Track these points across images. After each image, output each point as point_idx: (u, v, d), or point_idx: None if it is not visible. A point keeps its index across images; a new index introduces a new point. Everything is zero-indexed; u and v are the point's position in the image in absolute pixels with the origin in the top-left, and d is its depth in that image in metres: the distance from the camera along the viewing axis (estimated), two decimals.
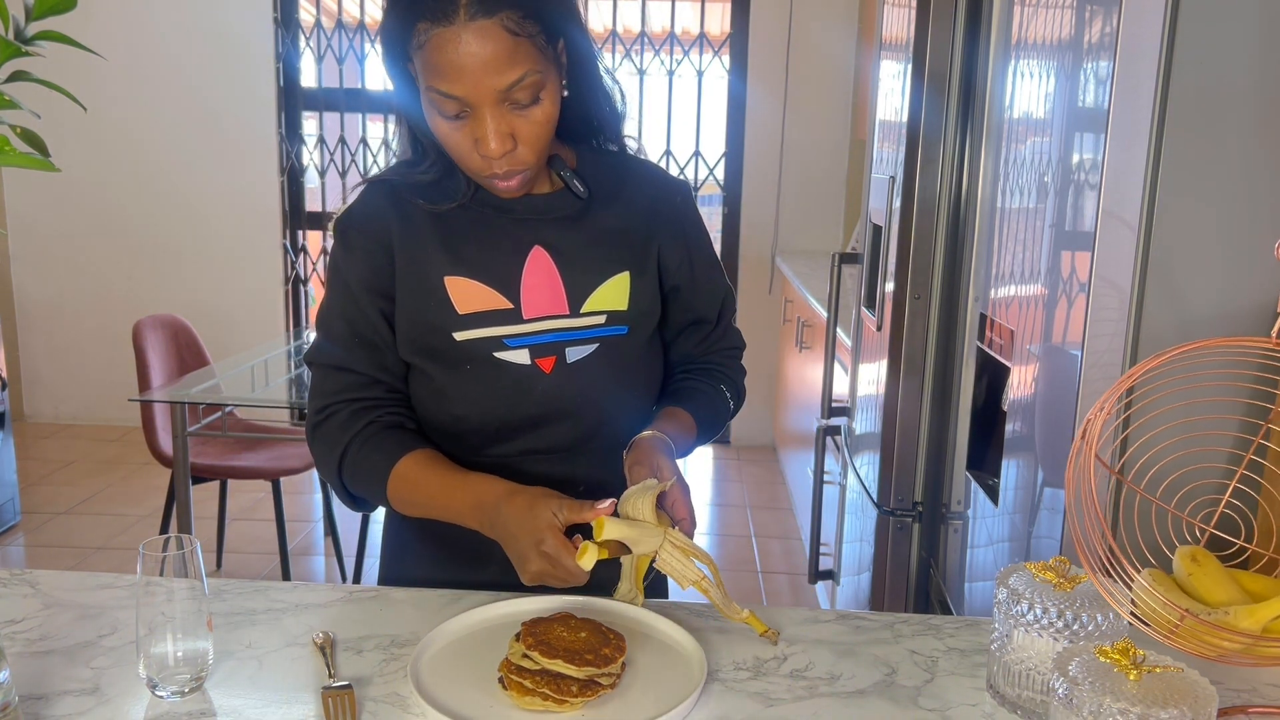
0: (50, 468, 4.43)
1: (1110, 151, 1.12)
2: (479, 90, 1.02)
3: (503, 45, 1.00)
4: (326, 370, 1.18)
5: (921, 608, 1.94)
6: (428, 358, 1.16)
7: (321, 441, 1.18)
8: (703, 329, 1.31)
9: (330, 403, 1.17)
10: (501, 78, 1.01)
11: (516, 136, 1.06)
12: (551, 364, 1.16)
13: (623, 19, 4.79)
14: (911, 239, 1.85)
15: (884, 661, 1.02)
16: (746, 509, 4.19)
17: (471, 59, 1.00)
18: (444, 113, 1.05)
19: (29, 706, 0.90)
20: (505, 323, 1.14)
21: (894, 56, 2.04)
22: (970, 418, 1.67)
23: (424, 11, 1.00)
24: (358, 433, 1.15)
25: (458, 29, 0.99)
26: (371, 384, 1.17)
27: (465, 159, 1.09)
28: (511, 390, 1.15)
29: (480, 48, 1.00)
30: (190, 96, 4.76)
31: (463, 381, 1.16)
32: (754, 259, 4.91)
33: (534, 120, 1.06)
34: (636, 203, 1.23)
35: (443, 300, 1.14)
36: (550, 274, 1.16)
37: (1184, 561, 0.99)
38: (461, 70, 1.01)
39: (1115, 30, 1.12)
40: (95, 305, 4.94)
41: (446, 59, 1.01)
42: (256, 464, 3.16)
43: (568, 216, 1.19)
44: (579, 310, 1.17)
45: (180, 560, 0.91)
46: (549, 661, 0.90)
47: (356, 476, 1.16)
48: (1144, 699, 0.73)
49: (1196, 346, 0.89)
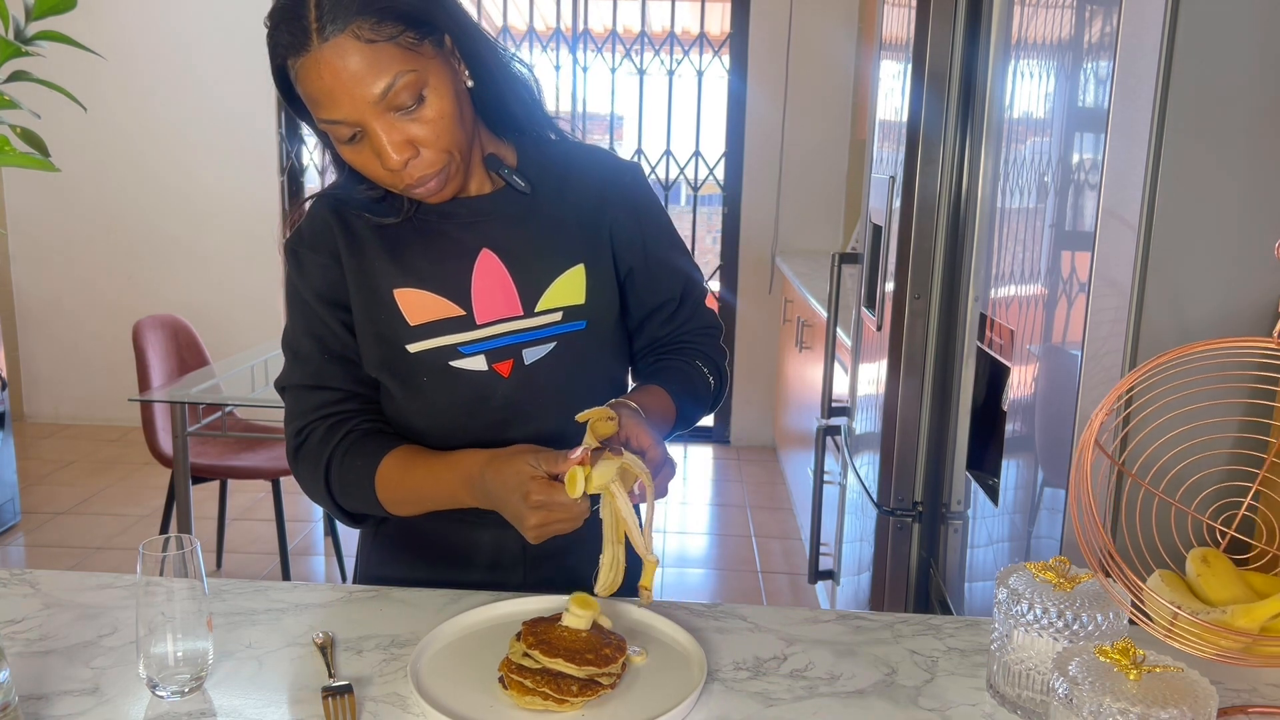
0: (50, 468, 4.43)
1: (1110, 151, 1.12)
2: (356, 107, 1.00)
3: (362, 56, 0.98)
4: (299, 391, 1.16)
5: (921, 608, 1.94)
6: (387, 372, 1.15)
7: (304, 463, 1.16)
8: (666, 310, 1.26)
9: (306, 423, 1.15)
10: (371, 88, 0.99)
11: (415, 141, 1.03)
12: (509, 367, 1.14)
13: (623, 19, 4.79)
14: (911, 239, 1.85)
15: (884, 661, 1.02)
16: (746, 509, 4.19)
17: (336, 79, 0.99)
18: (340, 139, 1.04)
19: (29, 706, 0.90)
20: (458, 330, 1.13)
21: (894, 56, 2.04)
22: (970, 418, 1.67)
23: (285, 49, 1.00)
24: (337, 444, 1.14)
25: (314, 54, 0.99)
26: (346, 398, 1.16)
27: (378, 177, 1.07)
28: (471, 398, 1.14)
29: (341, 64, 0.98)
30: (190, 96, 4.76)
31: (421, 394, 1.14)
32: (754, 259, 4.91)
33: (426, 120, 1.03)
34: (584, 191, 1.20)
35: (393, 313, 1.12)
36: (500, 276, 1.14)
37: (1194, 563, 0.99)
38: (331, 93, 1.00)
39: (1115, 30, 1.12)
40: (95, 305, 4.94)
41: (315, 86, 1.00)
42: (256, 464, 3.16)
43: (513, 215, 1.17)
44: (533, 310, 1.15)
45: (180, 560, 0.91)
46: (549, 661, 0.90)
47: (345, 489, 1.14)
48: (1144, 699, 0.73)
49: (1202, 347, 0.89)
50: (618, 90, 4.85)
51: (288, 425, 1.17)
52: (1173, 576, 0.99)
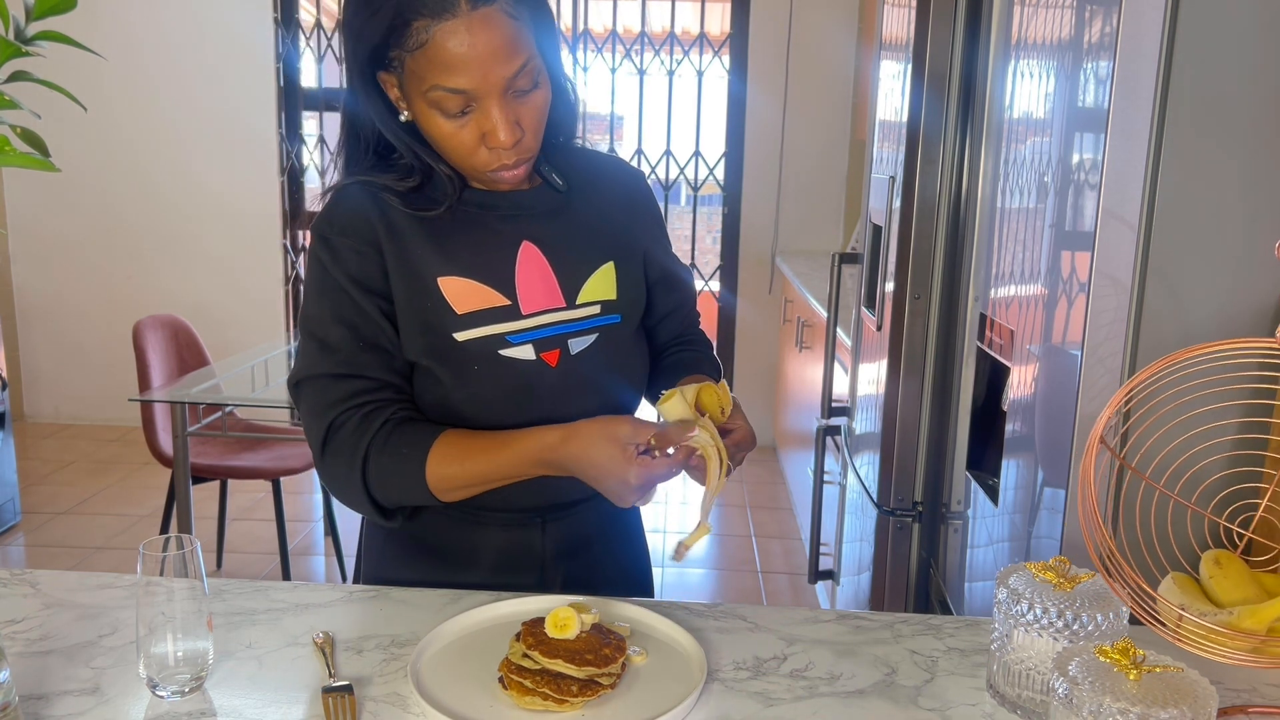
0: (50, 468, 4.43)
1: (1110, 151, 1.12)
2: (488, 80, 1.01)
3: (507, 31, 1.00)
4: (325, 381, 1.10)
5: (921, 608, 1.94)
6: (434, 359, 1.13)
7: (335, 456, 1.10)
8: (679, 314, 1.33)
9: (337, 413, 1.09)
10: (508, 65, 1.01)
11: (522, 124, 1.06)
12: (556, 357, 1.15)
13: (623, 19, 4.79)
14: (911, 239, 1.85)
15: (884, 661, 1.02)
16: (746, 509, 4.19)
17: (479, 49, 0.99)
18: (447, 111, 1.04)
19: (29, 706, 0.90)
20: (505, 319, 1.13)
21: (894, 56, 2.04)
22: (970, 418, 1.67)
23: (421, 8, 0.99)
24: (376, 432, 1.09)
25: (462, 20, 0.99)
26: (380, 387, 1.11)
27: (470, 156, 1.08)
28: (518, 387, 1.14)
29: (487, 36, 0.99)
30: (190, 96, 4.76)
31: (470, 382, 1.13)
32: (754, 259, 4.91)
33: (535, 106, 1.06)
34: (611, 195, 1.24)
35: (439, 301, 1.12)
36: (542, 268, 1.16)
37: (1207, 565, 0.98)
38: (468, 62, 1.00)
39: (1115, 30, 1.12)
40: (95, 305, 4.94)
41: (453, 52, 1.00)
42: (256, 464, 3.16)
43: (550, 211, 1.19)
44: (574, 302, 1.17)
45: (180, 560, 0.91)
46: (549, 661, 0.90)
47: (384, 479, 1.10)
48: (1144, 699, 0.73)
49: (1210, 348, 0.89)
50: (618, 90, 4.85)
51: (313, 419, 1.11)
52: (1186, 579, 0.99)
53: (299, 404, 1.14)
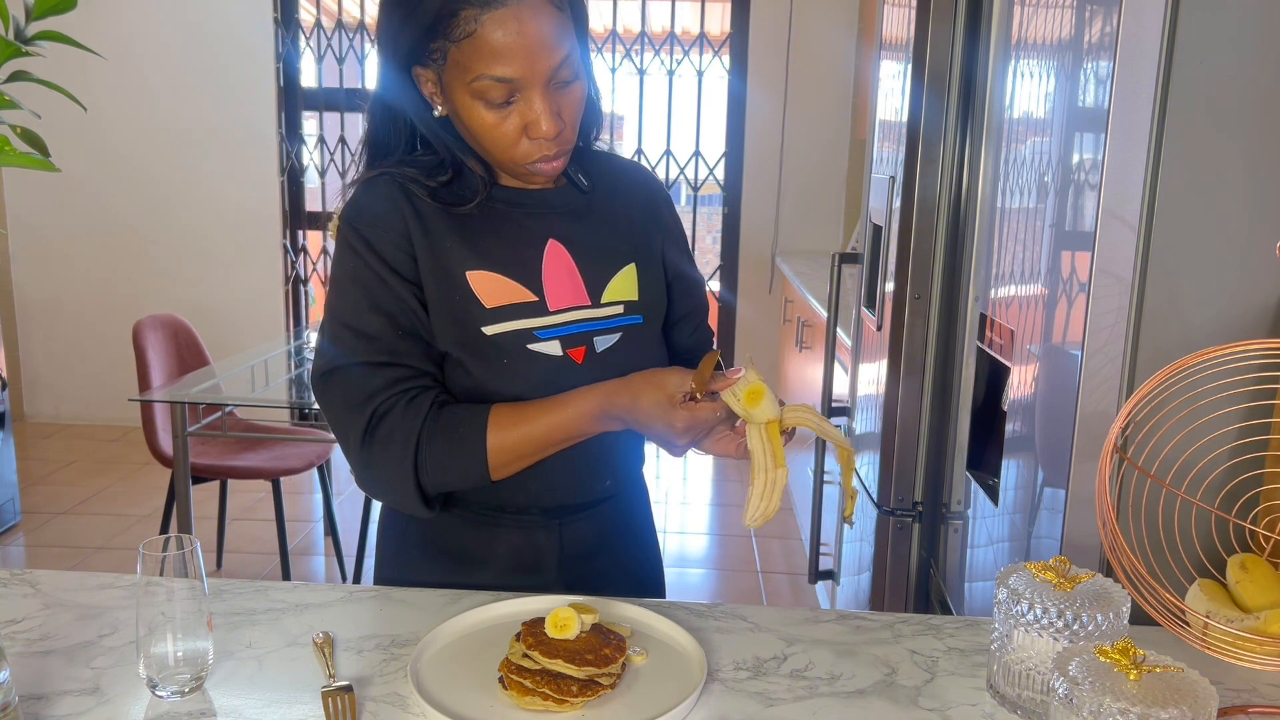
0: (50, 468, 4.43)
1: (1110, 151, 1.12)
2: (534, 70, 1.02)
3: (554, 21, 1.01)
4: (362, 370, 1.09)
5: (921, 608, 1.94)
6: (466, 352, 1.12)
7: (384, 443, 1.08)
8: (694, 319, 1.33)
9: (380, 402, 1.08)
10: (554, 55, 1.02)
11: (563, 116, 1.06)
12: (582, 354, 1.15)
13: (623, 19, 4.79)
14: (911, 239, 1.85)
15: (884, 661, 1.02)
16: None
17: (527, 37, 1.00)
18: (491, 101, 1.04)
19: (29, 706, 0.90)
20: (532, 315, 1.14)
21: (894, 56, 2.04)
22: (970, 418, 1.67)
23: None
24: (426, 414, 1.08)
25: (511, 8, 0.99)
26: (420, 374, 1.11)
27: (511, 148, 1.08)
28: (545, 382, 1.14)
29: (537, 25, 1.00)
30: (190, 96, 4.76)
31: (499, 375, 1.13)
32: (754, 259, 4.91)
33: (575, 98, 1.07)
34: (632, 198, 1.25)
35: (467, 294, 1.12)
36: (568, 266, 1.16)
37: (1233, 570, 0.98)
38: (513, 50, 1.00)
39: (1115, 30, 1.12)
40: (95, 305, 4.94)
41: (501, 41, 1.00)
42: (256, 464, 3.16)
43: (575, 211, 1.20)
44: (599, 301, 1.17)
45: (180, 560, 0.91)
46: (549, 661, 0.90)
47: (439, 460, 1.08)
48: (1144, 699, 0.73)
49: (1220, 351, 0.89)
50: (618, 90, 4.85)
51: (349, 410, 1.09)
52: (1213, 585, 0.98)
53: (328, 394, 1.11)
